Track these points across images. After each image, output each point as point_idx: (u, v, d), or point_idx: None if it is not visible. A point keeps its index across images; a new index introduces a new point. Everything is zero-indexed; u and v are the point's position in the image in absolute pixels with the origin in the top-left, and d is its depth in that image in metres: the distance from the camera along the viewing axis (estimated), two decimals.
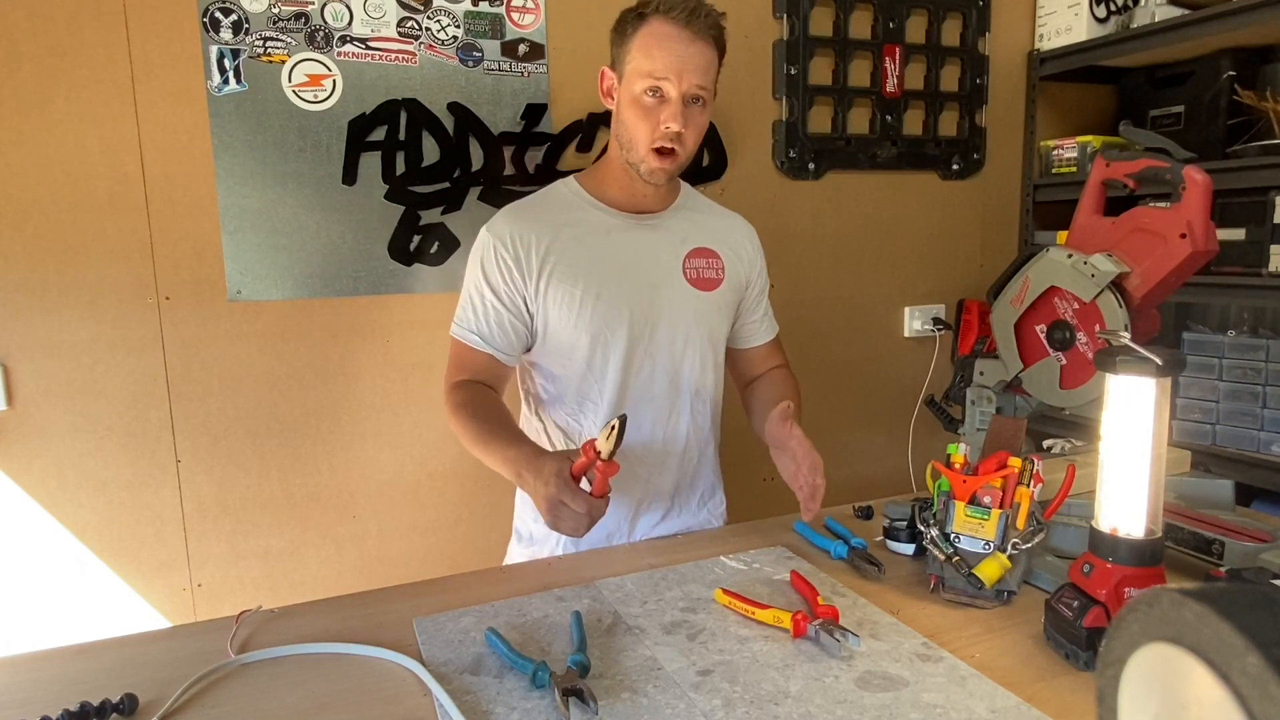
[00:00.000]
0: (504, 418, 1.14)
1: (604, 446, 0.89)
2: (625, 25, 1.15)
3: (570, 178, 1.27)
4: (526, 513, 1.30)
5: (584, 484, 0.94)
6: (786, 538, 1.12)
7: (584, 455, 0.92)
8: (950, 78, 2.02)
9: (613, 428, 0.88)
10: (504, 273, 1.18)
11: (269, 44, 1.44)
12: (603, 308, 1.18)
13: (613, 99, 1.18)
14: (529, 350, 1.24)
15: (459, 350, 1.21)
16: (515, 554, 1.31)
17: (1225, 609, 0.40)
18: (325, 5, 1.46)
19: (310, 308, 1.53)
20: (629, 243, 1.21)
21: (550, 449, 1.24)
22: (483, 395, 1.18)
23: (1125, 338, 0.82)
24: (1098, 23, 1.98)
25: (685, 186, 1.32)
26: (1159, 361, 0.75)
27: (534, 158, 1.64)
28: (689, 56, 1.11)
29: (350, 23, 1.48)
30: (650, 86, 1.12)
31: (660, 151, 1.14)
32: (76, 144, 1.36)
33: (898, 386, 2.10)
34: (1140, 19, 1.90)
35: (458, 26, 1.55)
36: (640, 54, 1.12)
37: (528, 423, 1.30)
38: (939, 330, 2.11)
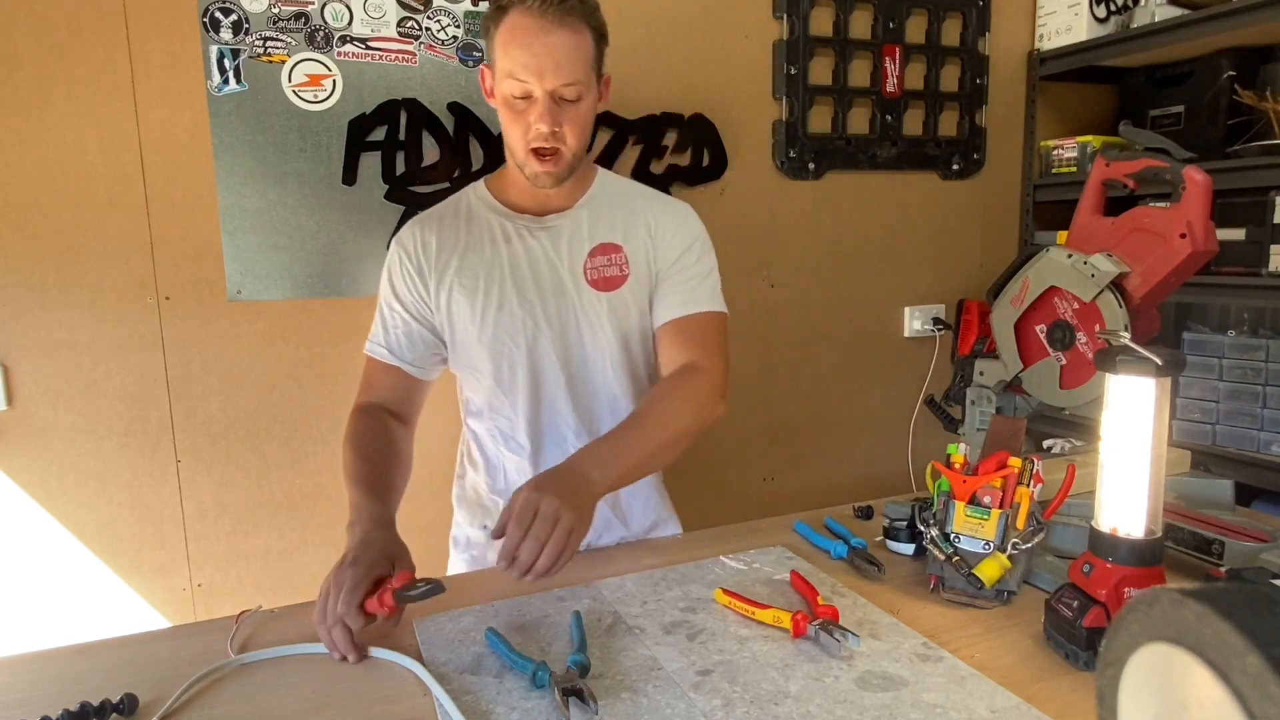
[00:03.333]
0: (383, 460, 1.06)
1: (391, 598, 0.81)
2: (489, 21, 1.06)
3: (480, 181, 1.22)
4: (463, 519, 1.27)
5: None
6: (786, 538, 1.12)
7: (391, 582, 0.83)
8: (950, 78, 2.02)
9: (419, 587, 0.81)
10: (409, 283, 1.15)
11: (269, 44, 1.43)
12: (505, 319, 1.13)
13: (494, 98, 1.10)
14: (447, 362, 1.21)
15: (369, 367, 1.18)
16: (456, 563, 1.28)
17: (1225, 609, 0.40)
18: (325, 5, 1.46)
19: (310, 308, 1.53)
20: (529, 249, 1.15)
21: (480, 458, 1.23)
22: (378, 428, 1.11)
23: (1125, 338, 0.82)
24: (1098, 23, 1.98)
25: (601, 174, 1.22)
26: (1159, 361, 0.75)
27: None
28: (548, 51, 1.01)
29: (350, 23, 1.48)
30: (515, 87, 1.04)
31: (539, 153, 1.07)
32: (76, 144, 1.36)
33: (898, 386, 2.10)
34: (1140, 19, 1.90)
35: (458, 26, 1.55)
36: (502, 52, 1.04)
37: (464, 435, 1.27)
38: (939, 330, 2.11)
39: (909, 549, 1.05)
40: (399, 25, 1.51)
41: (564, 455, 1.12)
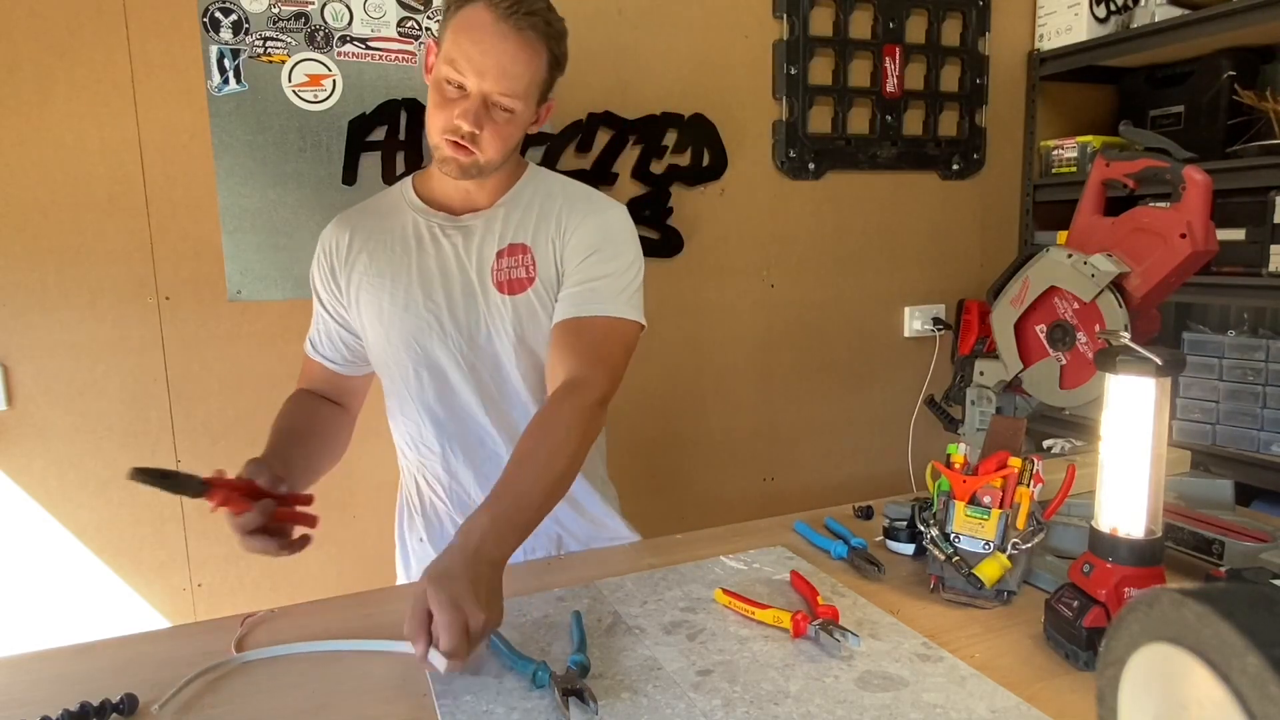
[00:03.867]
0: (288, 425, 1.09)
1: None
2: (452, 1, 1.02)
3: (409, 178, 1.17)
4: (405, 526, 1.23)
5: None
6: (786, 538, 1.12)
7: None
8: (950, 78, 2.02)
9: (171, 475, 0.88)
10: (325, 281, 1.15)
11: (269, 44, 1.43)
12: (411, 321, 1.09)
13: (430, 76, 1.06)
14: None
15: (304, 359, 1.21)
16: (405, 572, 1.25)
17: (1225, 609, 0.40)
18: (325, 5, 1.46)
19: (310, 308, 1.52)
20: (440, 248, 1.10)
21: (401, 462, 1.22)
22: (299, 402, 1.15)
23: (1125, 338, 0.82)
24: (1098, 23, 1.98)
25: (532, 171, 1.17)
26: (1159, 361, 0.75)
27: (533, 158, 1.64)
28: (498, 53, 0.98)
29: (350, 23, 1.48)
30: (450, 74, 0.99)
31: (453, 142, 1.01)
32: (76, 144, 1.36)
33: (898, 386, 2.10)
34: (1140, 19, 1.90)
35: None
36: (451, 36, 1.00)
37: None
38: (939, 330, 2.11)
39: (909, 549, 1.05)
40: (399, 25, 1.51)
41: (480, 462, 1.13)
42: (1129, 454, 0.77)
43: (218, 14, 1.40)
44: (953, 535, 0.93)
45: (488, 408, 1.13)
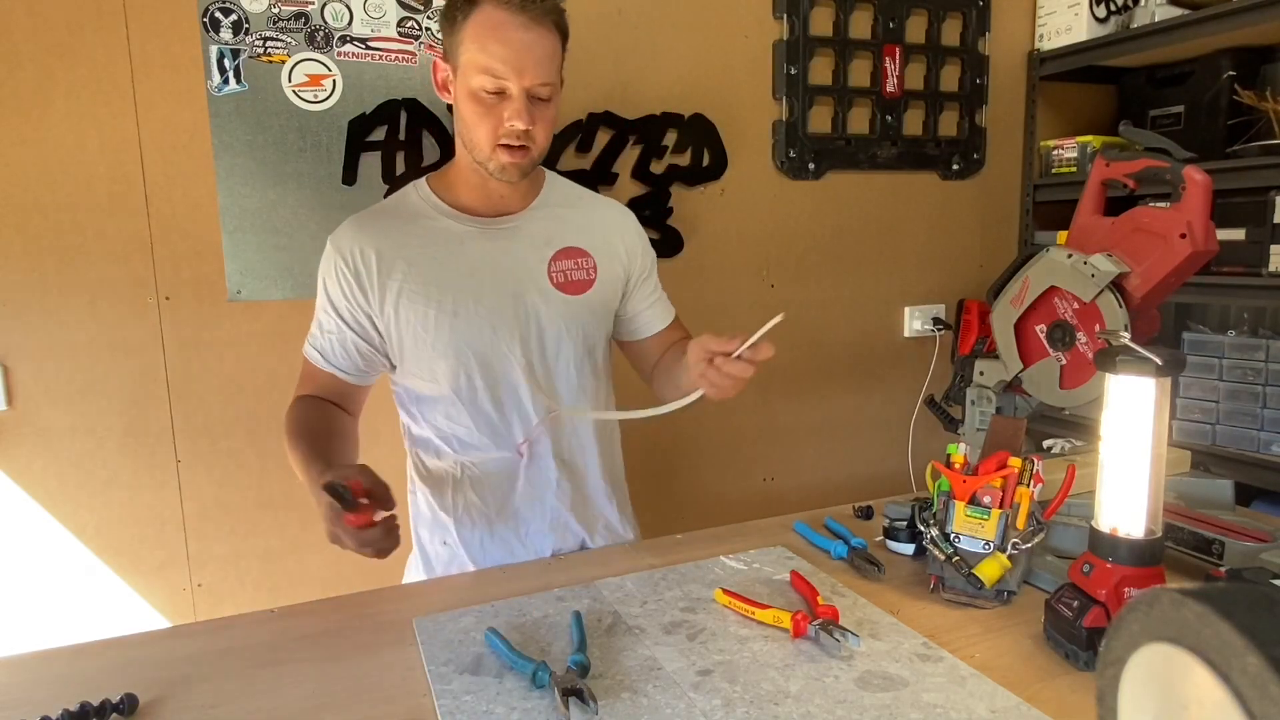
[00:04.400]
0: (320, 436, 1.05)
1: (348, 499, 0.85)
2: (455, 12, 1.02)
3: (422, 180, 1.16)
4: (425, 533, 1.21)
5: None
6: (786, 538, 1.12)
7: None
8: (950, 78, 2.02)
9: (345, 489, 0.85)
10: (345, 290, 1.09)
11: (269, 44, 1.43)
12: (461, 326, 1.09)
13: (449, 93, 1.07)
14: (394, 371, 1.16)
15: (305, 367, 1.14)
16: (413, 570, 1.23)
17: (1225, 609, 0.40)
18: (325, 5, 1.46)
19: (310, 308, 1.50)
20: (486, 251, 1.11)
21: (432, 471, 1.18)
22: (313, 410, 1.10)
23: (1125, 338, 0.81)
24: (1098, 23, 1.98)
25: (550, 177, 1.21)
26: (1159, 361, 0.75)
27: None
28: (527, 48, 0.99)
29: (350, 23, 1.48)
30: (487, 82, 1.00)
31: (508, 147, 1.04)
32: (76, 144, 1.36)
33: (898, 386, 2.10)
34: (1140, 19, 1.90)
35: None
36: (474, 45, 1.00)
37: (407, 447, 1.22)
38: (939, 330, 2.11)
39: (909, 549, 1.05)
40: (399, 25, 1.51)
41: (527, 463, 1.14)
42: (1129, 454, 0.77)
43: (218, 14, 1.40)
44: (953, 535, 0.93)
45: (538, 408, 1.14)
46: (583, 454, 1.20)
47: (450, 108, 1.09)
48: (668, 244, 1.79)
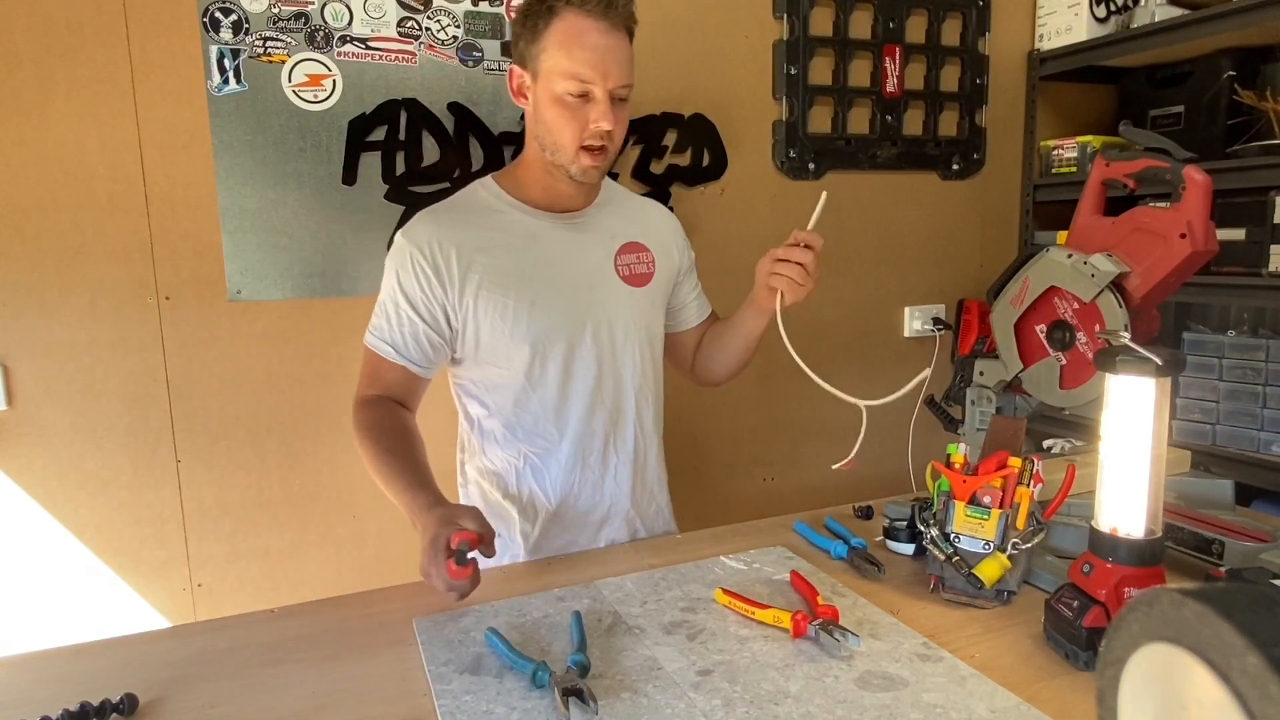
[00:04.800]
0: (410, 450, 1.08)
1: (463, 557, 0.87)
2: (535, 19, 1.07)
3: (489, 178, 1.22)
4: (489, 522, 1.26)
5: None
6: (786, 538, 1.12)
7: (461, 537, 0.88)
8: (950, 78, 2.02)
9: (469, 550, 0.87)
10: (422, 283, 1.12)
11: (269, 44, 1.43)
12: (539, 315, 1.14)
13: (526, 98, 1.13)
14: (459, 363, 1.19)
15: (372, 360, 1.16)
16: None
17: (1225, 609, 0.40)
18: (325, 5, 1.46)
19: (310, 308, 1.53)
20: (558, 245, 1.18)
21: (493, 459, 1.21)
22: (391, 418, 1.12)
23: (1125, 338, 0.82)
24: (1098, 23, 1.98)
25: (605, 179, 1.28)
26: (1159, 361, 0.75)
27: None
28: (610, 51, 1.06)
29: (350, 23, 1.48)
30: (573, 86, 1.06)
31: (590, 149, 1.10)
32: (76, 144, 1.36)
33: (898, 386, 2.09)
34: (1140, 19, 1.90)
35: (458, 26, 1.55)
36: (559, 52, 1.06)
37: (465, 439, 1.26)
38: (939, 330, 2.11)
39: (909, 549, 1.05)
40: (399, 25, 1.51)
41: (590, 450, 1.20)
42: (1129, 454, 0.77)
43: (218, 14, 1.40)
44: (953, 535, 0.93)
45: (602, 393, 1.21)
46: (645, 443, 1.26)
47: (522, 116, 1.18)
48: None
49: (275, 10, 1.43)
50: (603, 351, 1.20)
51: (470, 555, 0.88)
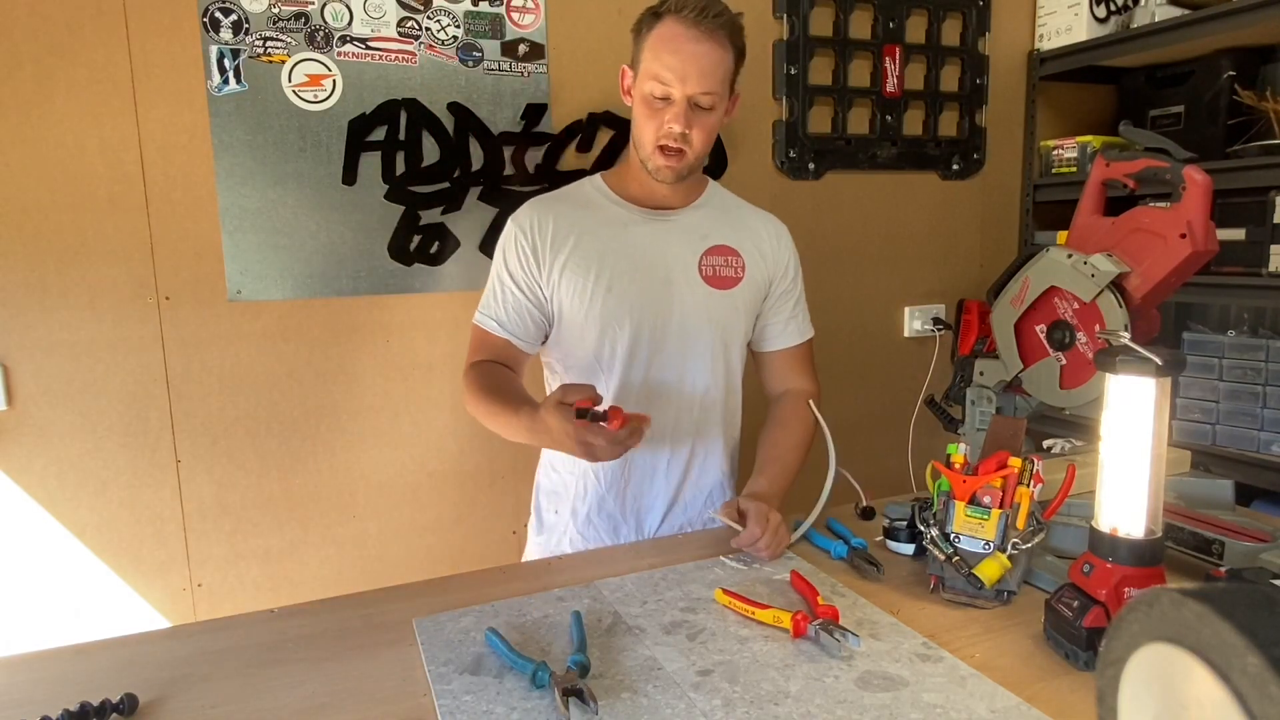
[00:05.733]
0: (512, 387, 1.16)
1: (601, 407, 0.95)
2: (642, 24, 1.15)
3: (596, 175, 1.29)
4: (544, 501, 1.31)
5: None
6: None
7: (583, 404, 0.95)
8: (950, 78, 2.02)
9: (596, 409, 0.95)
10: (522, 260, 1.20)
11: (269, 44, 1.43)
12: (612, 300, 1.19)
13: (631, 97, 1.19)
14: (547, 341, 1.25)
15: (478, 335, 1.24)
16: (532, 546, 1.33)
17: (1225, 609, 0.40)
18: (325, 5, 1.46)
19: (310, 308, 1.53)
20: (644, 237, 1.22)
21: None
22: (494, 372, 1.19)
23: (1125, 338, 0.82)
24: (1098, 23, 1.98)
25: (712, 185, 1.32)
26: (1159, 361, 0.75)
27: (534, 158, 1.64)
28: (695, 58, 1.10)
29: (350, 23, 1.48)
30: (656, 88, 1.12)
31: (665, 150, 1.15)
32: (76, 144, 1.36)
33: (898, 386, 2.10)
34: (1140, 19, 1.90)
35: (458, 26, 1.55)
36: (650, 55, 1.12)
37: None
38: (939, 330, 2.11)
39: (909, 549, 1.05)
40: (399, 25, 1.51)
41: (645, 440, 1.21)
42: (1129, 454, 0.77)
43: (218, 14, 1.40)
44: (953, 535, 0.93)
45: (661, 392, 1.23)
46: (703, 436, 1.28)
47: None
48: None
49: (275, 10, 1.43)
50: (670, 346, 1.22)
51: (600, 408, 0.94)
